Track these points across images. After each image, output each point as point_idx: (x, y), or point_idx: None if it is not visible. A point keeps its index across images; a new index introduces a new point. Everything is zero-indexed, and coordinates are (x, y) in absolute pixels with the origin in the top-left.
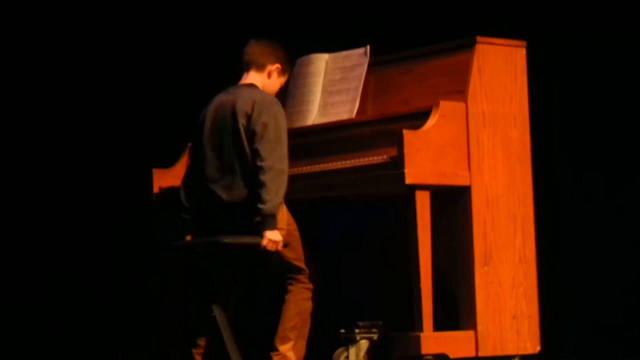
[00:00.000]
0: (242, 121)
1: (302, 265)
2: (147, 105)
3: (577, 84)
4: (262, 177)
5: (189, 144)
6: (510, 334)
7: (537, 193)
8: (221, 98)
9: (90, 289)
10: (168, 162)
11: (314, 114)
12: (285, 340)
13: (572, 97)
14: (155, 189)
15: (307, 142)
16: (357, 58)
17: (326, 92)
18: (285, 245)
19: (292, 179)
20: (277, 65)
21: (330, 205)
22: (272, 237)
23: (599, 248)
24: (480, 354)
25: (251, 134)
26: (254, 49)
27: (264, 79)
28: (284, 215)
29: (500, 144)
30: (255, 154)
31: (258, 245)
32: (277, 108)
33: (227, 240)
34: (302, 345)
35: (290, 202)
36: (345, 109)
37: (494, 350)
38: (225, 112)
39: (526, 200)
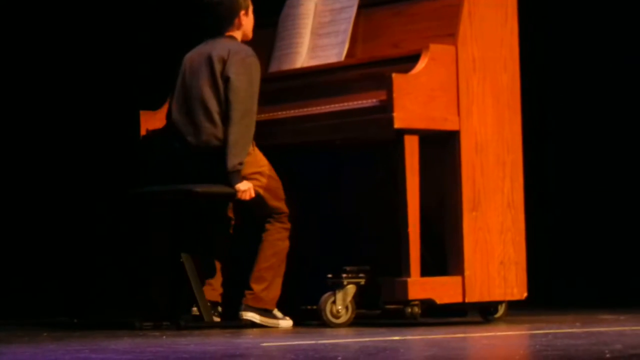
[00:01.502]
0: (217, 67)
1: (280, 205)
2: (134, 48)
3: (568, 27)
4: (231, 130)
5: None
6: (497, 280)
7: (526, 138)
8: (200, 48)
9: (76, 233)
10: (156, 105)
11: (303, 57)
12: (261, 280)
13: (563, 41)
14: (142, 131)
15: (296, 85)
16: (347, 0)
17: (315, 34)
18: (256, 196)
19: (280, 123)
20: (242, 12)
21: (318, 149)
22: (243, 187)
23: (587, 194)
24: (467, 300)
25: (225, 80)
26: (214, 11)
27: (238, 31)
28: (257, 160)
29: (490, 88)
30: (227, 102)
31: (233, 195)
32: (253, 60)
33: (200, 189)
34: (278, 284)
35: (278, 145)
36: (334, 52)
37: (481, 296)
38: (201, 59)
39: (515, 146)
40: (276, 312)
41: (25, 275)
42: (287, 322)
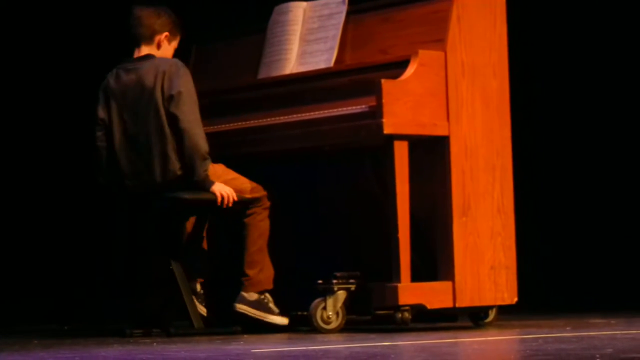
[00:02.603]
0: (157, 95)
1: (254, 193)
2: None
3: (557, 32)
4: (188, 142)
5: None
6: (487, 284)
7: (515, 143)
8: (124, 78)
9: (66, 240)
10: None
11: (292, 63)
12: (254, 264)
13: (552, 45)
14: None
15: (285, 92)
16: (335, 6)
17: (304, 40)
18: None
19: (269, 129)
20: (165, 34)
21: (307, 155)
22: (220, 188)
23: (577, 198)
24: (457, 305)
25: (167, 101)
26: (138, 22)
27: (155, 50)
28: (215, 171)
29: (479, 93)
30: (174, 118)
31: (248, 202)
32: (184, 70)
33: (188, 196)
34: (269, 263)
35: (267, 152)
36: (323, 58)
37: (471, 301)
38: (135, 91)
39: (505, 151)
40: (272, 306)
41: (15, 282)
42: (281, 320)
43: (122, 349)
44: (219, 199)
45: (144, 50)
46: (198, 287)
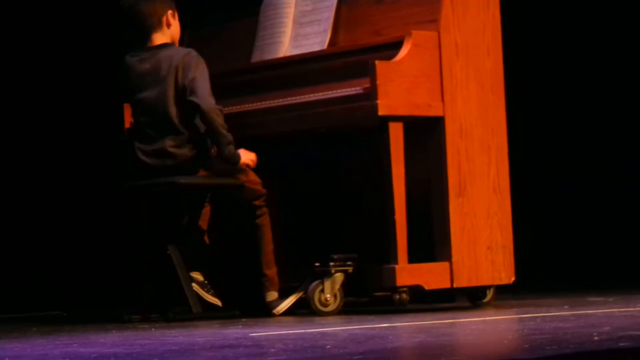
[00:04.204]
0: (169, 87)
1: (260, 188)
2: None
3: (550, 11)
4: (210, 129)
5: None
6: (485, 264)
7: (510, 123)
8: (138, 67)
9: (63, 227)
10: None
11: (285, 46)
12: (271, 264)
13: (545, 26)
14: (127, 124)
15: (279, 74)
16: None
17: (297, 23)
18: (242, 187)
19: (264, 112)
20: (169, 11)
21: (302, 138)
22: (246, 157)
23: (573, 177)
24: (455, 285)
25: (182, 91)
26: (139, 14)
27: (166, 32)
28: None
29: (474, 73)
30: (194, 106)
31: (241, 184)
32: (196, 60)
33: (207, 181)
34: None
35: (263, 135)
36: (317, 40)
37: (469, 281)
38: (149, 80)
39: (500, 130)
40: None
41: (13, 269)
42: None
43: (121, 335)
44: (247, 164)
45: (157, 38)
46: (201, 277)
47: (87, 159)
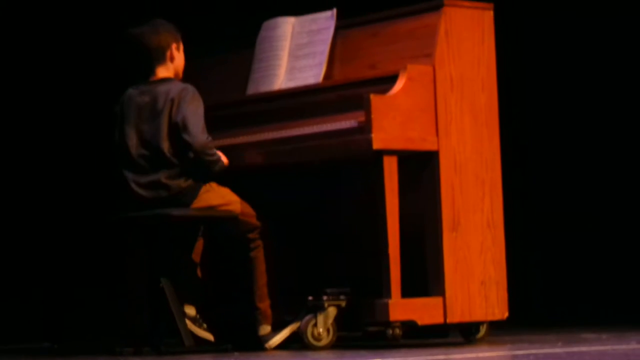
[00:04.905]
0: (163, 121)
1: (254, 221)
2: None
3: (543, 47)
4: (200, 160)
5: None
6: (478, 300)
7: (504, 157)
8: (138, 99)
9: (56, 258)
10: None
11: (281, 79)
12: (264, 297)
13: (539, 60)
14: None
15: (274, 107)
16: (324, 21)
17: (293, 56)
18: (235, 219)
19: (259, 145)
20: (173, 45)
21: (297, 170)
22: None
23: (567, 212)
24: (448, 321)
25: (174, 127)
26: (144, 46)
27: (170, 65)
28: (220, 191)
29: (468, 108)
30: (186, 144)
31: (235, 217)
32: (191, 96)
33: (201, 213)
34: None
35: (257, 168)
36: (312, 74)
37: (462, 317)
38: (146, 113)
39: (494, 165)
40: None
41: (5, 300)
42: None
43: None
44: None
45: (160, 72)
46: (193, 311)
47: (78, 187)
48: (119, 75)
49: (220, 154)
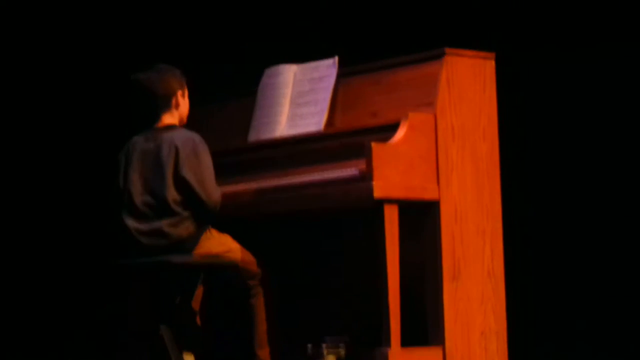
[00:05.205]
0: (168, 169)
1: (255, 268)
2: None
3: (546, 96)
4: (209, 213)
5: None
6: (478, 350)
7: (505, 207)
8: (143, 145)
9: (53, 302)
10: None
11: (282, 126)
12: (263, 344)
13: (541, 109)
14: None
15: (275, 155)
16: (326, 69)
17: (294, 103)
18: (235, 267)
19: (259, 193)
20: (179, 92)
21: (298, 218)
22: None
23: (568, 263)
24: None
25: (181, 180)
26: (150, 94)
27: (175, 112)
28: (220, 238)
29: (470, 157)
30: (198, 201)
31: (236, 264)
32: (200, 148)
33: (201, 260)
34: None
35: (257, 215)
36: (314, 121)
37: None
38: (150, 161)
39: (495, 214)
40: None
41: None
42: None
43: None
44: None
45: (165, 119)
46: (192, 358)
47: (77, 230)
48: (125, 121)
49: None
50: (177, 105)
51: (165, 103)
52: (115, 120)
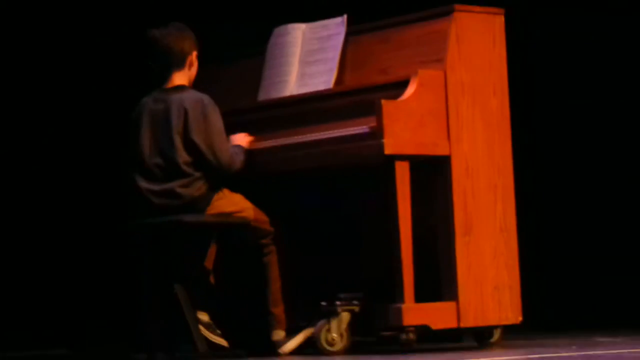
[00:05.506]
0: (175, 131)
1: (268, 227)
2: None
3: (554, 51)
4: (222, 172)
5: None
6: (491, 304)
7: (516, 161)
8: (152, 106)
9: (69, 265)
10: None
11: (292, 85)
12: (278, 302)
13: (550, 65)
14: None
15: (285, 114)
16: (335, 27)
17: (303, 62)
18: (248, 225)
19: (270, 151)
20: (194, 53)
21: (310, 176)
22: (245, 141)
23: (580, 216)
24: (462, 325)
25: (192, 143)
26: (167, 49)
27: (186, 72)
28: (233, 198)
29: (480, 113)
30: (211, 166)
31: (248, 223)
32: (210, 109)
33: (214, 220)
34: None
35: (269, 174)
36: (323, 80)
37: (475, 321)
38: (159, 122)
39: (506, 169)
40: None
41: (22, 306)
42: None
43: None
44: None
45: (176, 78)
46: (207, 317)
47: (91, 194)
48: (139, 80)
49: (239, 147)
50: (190, 65)
51: (180, 61)
52: (129, 79)
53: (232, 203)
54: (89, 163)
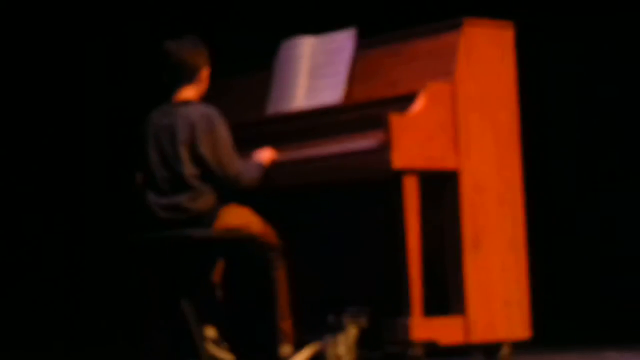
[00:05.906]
0: (184, 144)
1: (275, 240)
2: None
3: (565, 65)
4: (230, 185)
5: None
6: (500, 319)
7: (526, 176)
8: (158, 121)
9: (75, 278)
10: None
11: (300, 99)
12: (286, 317)
13: (560, 78)
14: (138, 179)
15: (294, 127)
16: (343, 40)
17: (312, 75)
18: (255, 238)
19: (278, 165)
20: (207, 67)
21: (317, 190)
22: (267, 155)
23: (589, 232)
24: (470, 340)
25: (199, 156)
26: (180, 61)
27: (196, 87)
28: (239, 211)
29: (489, 126)
30: (217, 178)
31: (255, 238)
32: (219, 123)
33: (221, 234)
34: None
35: (276, 188)
36: (332, 93)
37: (484, 337)
38: (166, 136)
39: (515, 184)
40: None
41: (28, 315)
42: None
43: None
44: (269, 160)
45: (185, 92)
46: (214, 332)
47: (98, 208)
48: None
49: (256, 164)
50: (200, 80)
51: (191, 75)
52: (139, 92)
53: (239, 217)
54: (97, 176)
